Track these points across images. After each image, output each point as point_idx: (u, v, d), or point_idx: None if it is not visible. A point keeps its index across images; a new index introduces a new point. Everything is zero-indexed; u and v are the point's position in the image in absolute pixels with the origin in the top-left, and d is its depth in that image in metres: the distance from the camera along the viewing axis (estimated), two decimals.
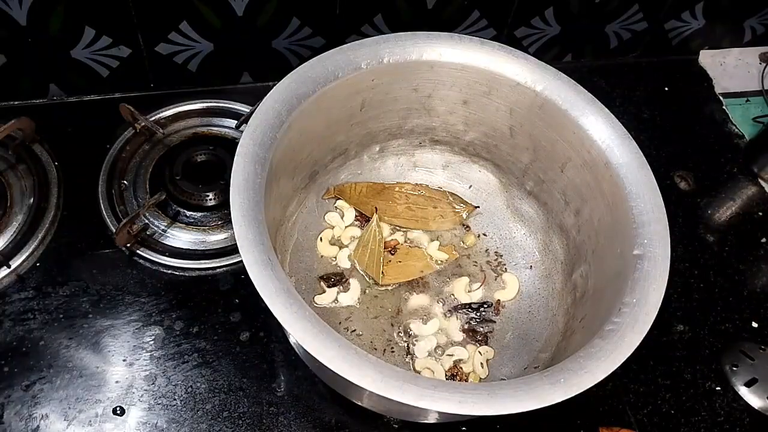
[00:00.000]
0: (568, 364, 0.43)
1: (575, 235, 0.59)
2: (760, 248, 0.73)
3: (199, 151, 0.69)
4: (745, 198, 0.78)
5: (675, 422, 0.60)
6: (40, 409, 0.54)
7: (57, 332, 0.58)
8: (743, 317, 0.67)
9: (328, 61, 0.54)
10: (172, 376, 0.57)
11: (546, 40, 0.82)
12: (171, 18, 0.68)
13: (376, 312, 0.60)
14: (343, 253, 0.62)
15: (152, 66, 0.73)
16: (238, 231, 0.44)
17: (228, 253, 0.64)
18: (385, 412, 0.55)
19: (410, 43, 0.56)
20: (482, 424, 0.57)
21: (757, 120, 0.84)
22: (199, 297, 0.61)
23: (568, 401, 0.41)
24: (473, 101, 0.60)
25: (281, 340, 0.58)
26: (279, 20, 0.71)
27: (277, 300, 0.42)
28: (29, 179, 0.66)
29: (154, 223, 0.65)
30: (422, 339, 0.59)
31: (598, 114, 0.55)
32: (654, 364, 0.63)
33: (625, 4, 0.81)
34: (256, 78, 0.78)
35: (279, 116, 0.51)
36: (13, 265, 0.61)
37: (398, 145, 0.66)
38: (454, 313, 0.61)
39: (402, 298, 0.61)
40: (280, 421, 0.55)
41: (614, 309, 0.46)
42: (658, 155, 0.78)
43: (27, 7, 0.63)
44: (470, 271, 0.63)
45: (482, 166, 0.66)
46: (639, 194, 0.52)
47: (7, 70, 0.69)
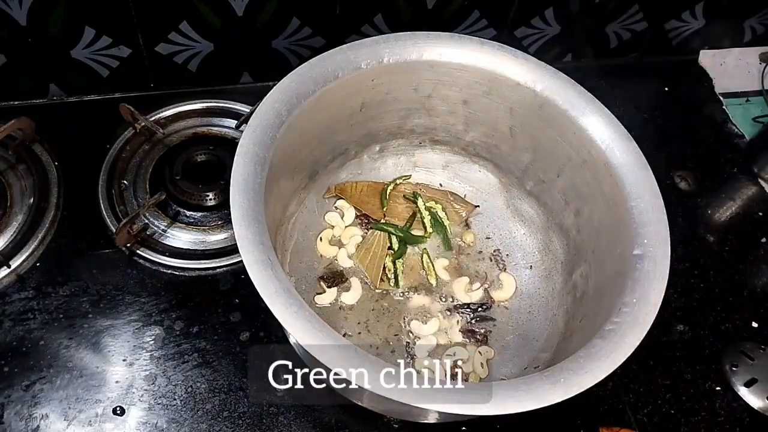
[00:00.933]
0: (568, 364, 0.43)
1: (575, 235, 0.59)
2: (760, 248, 0.73)
3: (199, 151, 0.69)
4: (745, 198, 0.78)
5: (675, 422, 0.60)
6: (40, 409, 0.54)
7: (57, 332, 0.58)
8: (743, 317, 0.67)
9: (328, 61, 0.54)
10: (172, 376, 0.57)
11: (546, 40, 0.82)
12: (171, 18, 0.68)
13: (376, 312, 0.60)
14: (343, 252, 0.62)
15: (152, 66, 0.73)
16: (238, 231, 0.44)
17: (228, 253, 0.64)
18: (385, 412, 0.55)
19: (410, 43, 0.56)
20: (482, 424, 0.57)
21: (757, 120, 0.84)
22: (199, 297, 0.61)
23: (568, 401, 0.41)
24: (473, 101, 0.60)
25: (281, 340, 0.58)
26: (279, 20, 0.71)
27: (277, 300, 0.42)
28: (29, 179, 0.66)
29: (154, 223, 0.65)
30: (422, 339, 0.59)
31: (598, 114, 0.55)
32: (654, 364, 0.63)
33: (625, 4, 0.81)
34: (256, 78, 0.78)
35: (279, 116, 0.51)
36: (13, 265, 0.61)
37: (398, 145, 0.66)
38: (454, 313, 0.61)
39: (402, 298, 0.61)
40: (280, 421, 0.55)
41: (614, 309, 0.46)
42: (658, 155, 0.78)
43: (27, 7, 0.63)
44: (470, 272, 0.63)
45: (482, 166, 0.66)
46: (639, 194, 0.52)
47: (7, 70, 0.69)
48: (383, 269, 0.61)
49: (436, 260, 0.63)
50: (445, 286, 0.62)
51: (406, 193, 0.66)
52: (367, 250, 0.62)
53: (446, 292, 0.62)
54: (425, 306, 0.61)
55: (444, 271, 0.63)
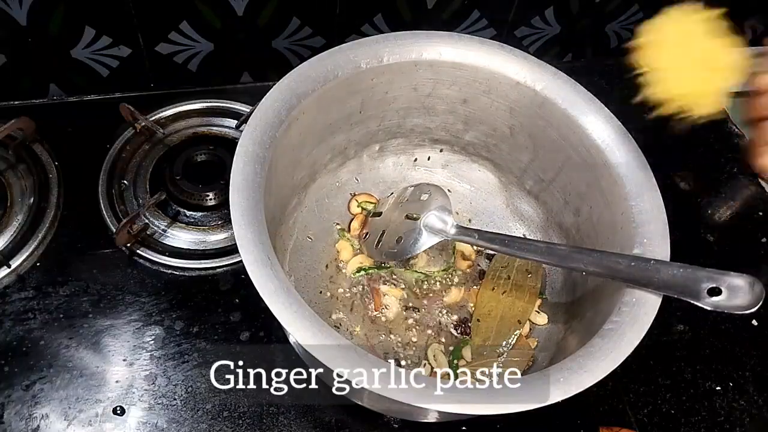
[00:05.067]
0: (567, 364, 0.43)
1: (575, 234, 0.59)
2: (760, 248, 0.73)
3: (199, 151, 0.69)
4: (745, 198, 0.78)
5: (675, 422, 0.60)
6: (40, 409, 0.54)
7: (57, 332, 0.58)
8: (743, 317, 0.67)
9: (327, 60, 0.54)
10: (173, 375, 0.57)
11: (546, 39, 0.82)
12: (171, 18, 0.68)
13: (376, 312, 0.60)
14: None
15: (152, 66, 0.73)
16: (238, 231, 0.44)
17: (228, 252, 0.64)
18: (385, 411, 0.55)
19: (410, 42, 0.56)
20: (482, 424, 0.57)
21: None
22: (199, 297, 0.61)
23: (568, 401, 0.41)
24: (473, 100, 0.60)
25: (281, 340, 0.58)
26: (279, 20, 0.71)
27: (277, 299, 0.42)
28: (29, 179, 0.66)
29: (154, 223, 0.65)
30: (423, 339, 0.59)
31: (597, 113, 0.55)
32: (654, 364, 0.63)
33: (625, 4, 0.81)
34: (256, 78, 0.78)
35: (279, 116, 0.51)
36: (13, 265, 0.61)
37: (398, 144, 0.66)
38: (454, 313, 0.61)
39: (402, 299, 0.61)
40: (280, 421, 0.55)
41: (614, 308, 0.46)
42: (658, 155, 0.78)
43: (27, 7, 0.63)
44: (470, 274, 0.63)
45: (482, 165, 0.66)
46: (639, 193, 0.52)
47: (7, 70, 0.69)
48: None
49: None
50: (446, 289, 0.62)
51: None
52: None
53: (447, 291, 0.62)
54: (425, 305, 0.61)
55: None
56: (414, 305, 0.60)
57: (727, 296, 0.43)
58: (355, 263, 0.62)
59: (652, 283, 0.45)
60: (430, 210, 0.58)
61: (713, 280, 0.43)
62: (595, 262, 0.49)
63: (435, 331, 0.59)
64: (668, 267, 0.45)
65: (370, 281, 0.61)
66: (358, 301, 0.60)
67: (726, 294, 0.43)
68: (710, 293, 0.43)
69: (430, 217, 0.57)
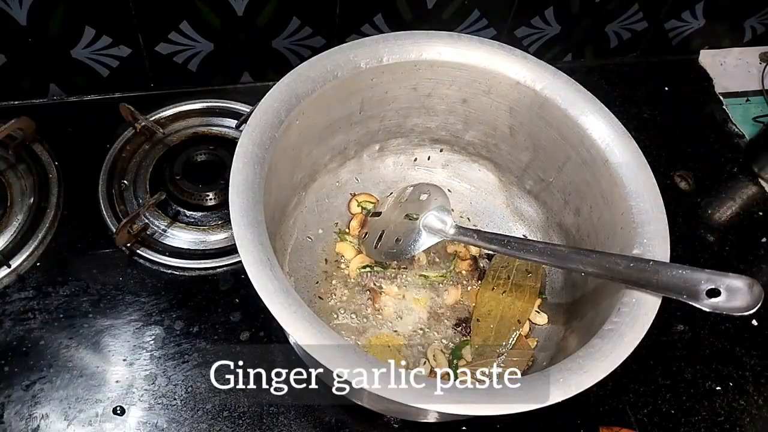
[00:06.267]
0: (567, 364, 0.43)
1: (575, 234, 0.59)
2: (760, 248, 0.73)
3: (199, 151, 0.69)
4: (745, 198, 0.78)
5: (675, 422, 0.60)
6: (40, 409, 0.54)
7: (57, 332, 0.58)
8: (743, 317, 0.67)
9: (327, 60, 0.54)
10: (173, 375, 0.57)
11: (546, 40, 0.82)
12: (171, 18, 0.68)
13: (376, 312, 0.60)
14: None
15: (152, 66, 0.73)
16: (237, 231, 0.44)
17: (228, 252, 0.64)
18: (385, 411, 0.55)
19: (409, 42, 0.56)
20: (482, 424, 0.57)
21: (758, 120, 0.84)
22: (199, 297, 0.61)
23: (568, 401, 0.41)
24: (473, 100, 0.60)
25: (281, 340, 0.58)
26: (279, 20, 0.71)
27: (276, 300, 0.42)
28: (29, 179, 0.66)
29: (154, 223, 0.65)
30: (423, 339, 0.59)
31: (597, 113, 0.55)
32: (654, 364, 0.63)
33: (625, 4, 0.81)
34: (256, 78, 0.78)
35: (278, 116, 0.51)
36: (13, 265, 0.61)
37: (398, 144, 0.66)
38: (454, 313, 0.61)
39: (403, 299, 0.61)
40: (280, 421, 0.55)
41: (614, 309, 0.46)
42: (658, 155, 0.78)
43: (27, 7, 0.63)
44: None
45: (482, 165, 0.66)
46: (639, 193, 0.52)
47: (7, 70, 0.69)
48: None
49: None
50: (445, 290, 0.62)
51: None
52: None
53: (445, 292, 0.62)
54: (426, 306, 0.61)
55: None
56: (414, 305, 0.60)
57: (726, 298, 0.43)
58: (357, 262, 0.62)
59: (650, 284, 0.45)
60: (429, 210, 0.58)
61: (712, 282, 0.43)
62: (594, 263, 0.49)
63: (435, 331, 0.59)
64: (667, 268, 0.45)
65: (370, 281, 0.61)
66: (358, 300, 0.60)
67: (725, 295, 0.43)
68: (709, 294, 0.43)
69: (429, 217, 0.57)
